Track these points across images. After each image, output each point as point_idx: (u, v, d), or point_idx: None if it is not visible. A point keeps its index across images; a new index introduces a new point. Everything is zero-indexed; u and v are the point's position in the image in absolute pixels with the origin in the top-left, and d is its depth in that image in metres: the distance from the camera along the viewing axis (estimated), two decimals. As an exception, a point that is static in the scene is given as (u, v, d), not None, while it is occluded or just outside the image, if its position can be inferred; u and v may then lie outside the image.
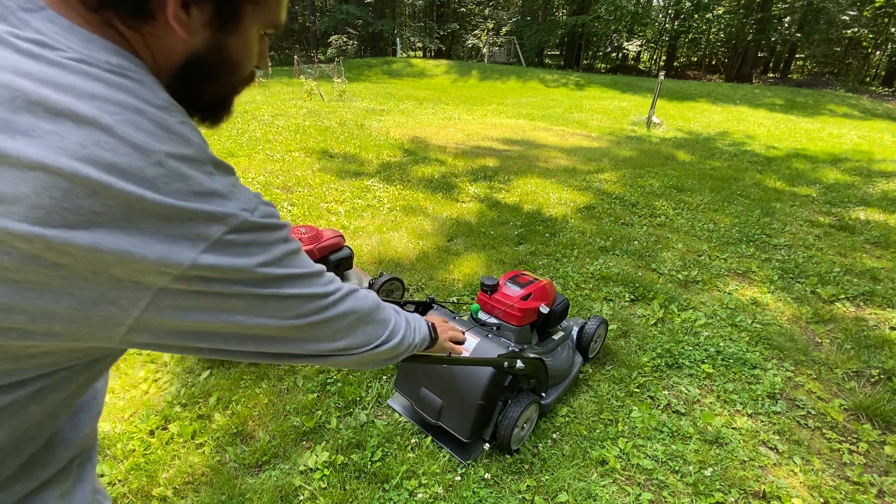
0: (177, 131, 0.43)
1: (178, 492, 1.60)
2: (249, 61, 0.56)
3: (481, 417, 1.72)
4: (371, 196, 4.51)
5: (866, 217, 4.74)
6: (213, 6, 0.47)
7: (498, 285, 1.97)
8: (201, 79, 0.53)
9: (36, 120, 0.37)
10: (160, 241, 0.41)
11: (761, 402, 2.17)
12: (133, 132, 0.39)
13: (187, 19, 0.46)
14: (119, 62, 0.43)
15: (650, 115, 9.77)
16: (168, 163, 0.41)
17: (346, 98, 11.37)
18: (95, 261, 0.38)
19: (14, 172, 0.35)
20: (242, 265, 0.46)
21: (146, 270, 0.41)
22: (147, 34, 0.46)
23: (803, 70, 31.38)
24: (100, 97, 0.39)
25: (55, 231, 0.36)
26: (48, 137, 0.36)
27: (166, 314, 0.44)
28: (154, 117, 0.42)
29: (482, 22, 30.19)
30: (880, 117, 13.57)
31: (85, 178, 0.36)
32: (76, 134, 0.37)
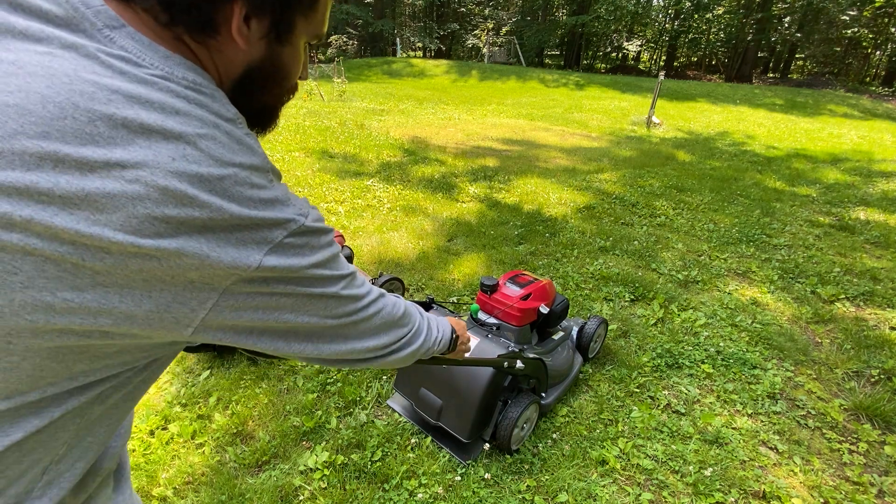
0: (245, 143, 0.47)
1: (178, 492, 1.60)
2: (297, 71, 0.60)
3: (481, 418, 1.72)
4: (371, 196, 4.51)
5: (866, 217, 4.75)
6: (270, 19, 0.51)
7: (498, 285, 1.97)
8: (256, 89, 0.57)
9: (132, 135, 0.39)
10: (233, 245, 0.44)
11: (761, 402, 2.17)
12: (213, 145, 0.43)
13: (248, 32, 0.50)
14: (194, 78, 0.46)
15: (650, 115, 9.77)
16: (241, 173, 0.45)
17: (346, 98, 11.37)
18: (176, 266, 0.42)
19: (114, 184, 0.38)
20: (297, 265, 0.50)
21: (218, 273, 0.44)
22: (212, 48, 0.50)
23: (803, 70, 31.38)
24: (183, 113, 0.43)
25: (147, 240, 0.39)
26: (143, 152, 0.39)
27: (227, 313, 0.48)
28: (227, 130, 0.46)
29: (482, 22, 30.19)
30: (880, 117, 13.57)
31: (175, 190, 0.40)
32: (166, 149, 0.40)
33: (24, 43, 0.40)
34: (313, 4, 0.54)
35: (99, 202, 0.38)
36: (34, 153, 0.36)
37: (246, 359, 2.20)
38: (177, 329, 0.46)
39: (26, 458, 0.46)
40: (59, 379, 0.44)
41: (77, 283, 0.39)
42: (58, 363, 0.43)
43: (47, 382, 0.44)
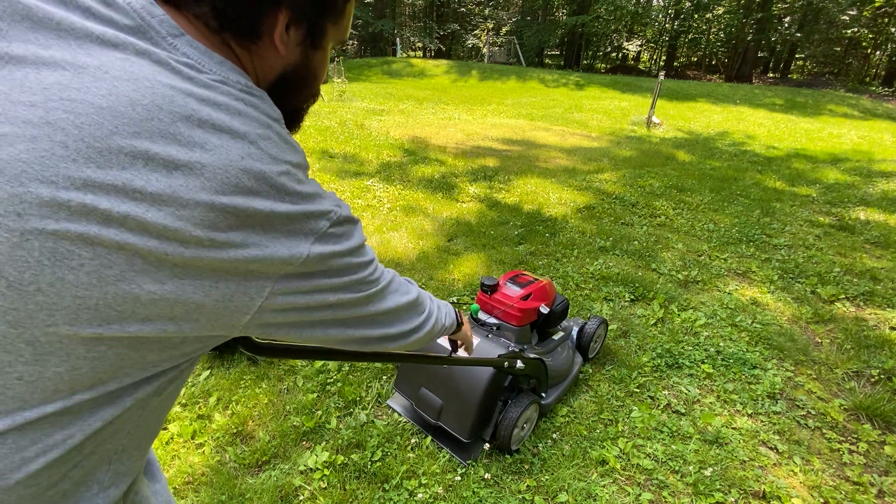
0: (290, 142, 0.51)
1: (178, 492, 1.60)
2: (323, 75, 0.65)
3: (481, 418, 1.72)
4: (371, 196, 4.51)
5: (866, 217, 4.75)
6: (307, 27, 0.55)
7: (498, 285, 1.97)
8: (289, 92, 0.60)
9: (207, 134, 0.43)
10: (286, 237, 0.48)
11: (761, 402, 2.17)
12: (270, 145, 0.47)
13: (287, 39, 0.54)
14: (246, 82, 0.49)
15: (650, 115, 9.77)
16: (291, 170, 0.48)
17: (346, 98, 11.37)
18: (241, 257, 0.45)
19: (195, 181, 0.41)
20: (338, 250, 0.54)
21: (274, 264, 0.48)
22: (254, 53, 0.54)
23: (803, 70, 31.37)
24: (244, 114, 0.46)
25: (220, 233, 0.43)
26: (218, 150, 0.43)
27: (279, 299, 0.51)
28: (277, 130, 0.49)
29: (482, 22, 30.19)
30: (880, 117, 13.57)
31: (245, 186, 0.43)
32: (235, 147, 0.44)
33: (103, 48, 0.42)
34: (343, 11, 0.58)
35: (182, 198, 0.40)
36: (129, 152, 0.39)
37: (246, 359, 2.20)
38: (237, 317, 0.49)
39: (100, 448, 0.49)
40: (135, 369, 0.47)
41: (159, 276, 0.42)
42: (136, 352, 0.46)
43: (125, 372, 0.46)
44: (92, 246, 0.39)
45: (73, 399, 0.44)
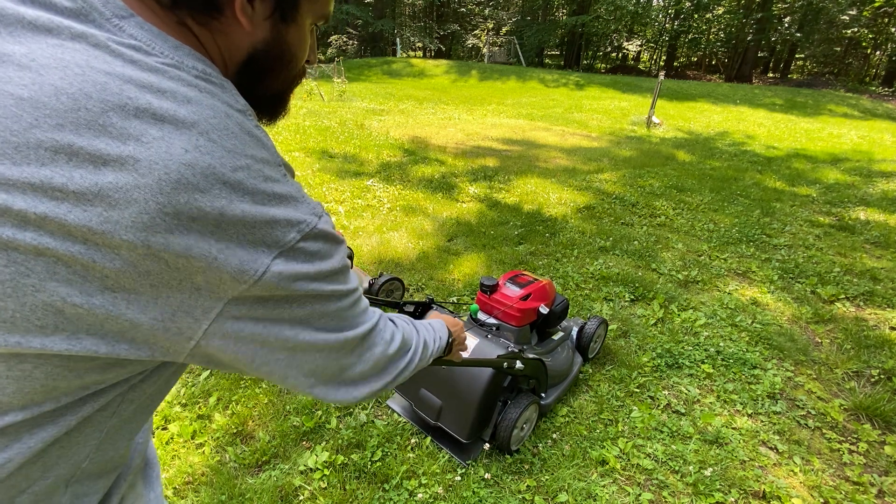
0: (255, 135, 0.45)
1: (178, 492, 1.60)
2: (304, 54, 0.58)
3: (481, 418, 1.71)
4: (371, 196, 4.51)
5: (866, 217, 4.75)
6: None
7: (497, 285, 1.97)
8: (263, 73, 0.55)
9: (144, 125, 0.38)
10: (242, 247, 0.42)
11: (761, 402, 2.17)
12: (225, 136, 0.42)
13: (252, 12, 0.48)
14: (204, 68, 0.45)
15: (650, 115, 9.77)
16: (254, 166, 0.43)
17: (346, 98, 11.37)
18: (184, 268, 0.40)
19: (127, 178, 0.37)
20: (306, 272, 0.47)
21: (224, 279, 0.42)
22: (215, 30, 0.48)
23: (803, 70, 31.38)
24: (195, 102, 0.41)
25: (156, 237, 0.38)
26: (156, 143, 0.38)
27: (228, 325, 0.45)
28: (238, 121, 0.44)
29: (482, 22, 30.19)
30: (880, 117, 13.57)
31: (188, 183, 0.38)
32: (179, 139, 0.39)
33: (34, 34, 0.39)
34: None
35: (111, 197, 0.36)
36: (49, 147, 0.35)
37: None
38: (179, 342, 0.44)
39: (50, 471, 0.45)
40: (73, 388, 0.43)
41: (86, 288, 0.38)
42: (69, 371, 0.41)
43: (61, 392, 0.42)
44: (6, 251, 0.35)
45: (4, 420, 0.41)
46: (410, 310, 1.75)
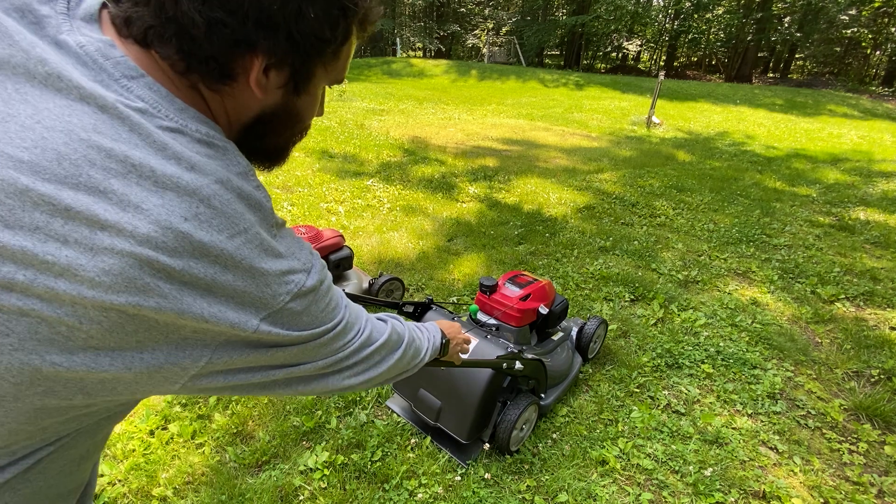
0: (254, 198, 0.47)
1: (178, 492, 1.59)
2: (311, 115, 0.60)
3: (480, 419, 1.71)
4: (371, 196, 4.51)
5: (866, 217, 4.74)
6: (290, 71, 0.50)
7: (497, 286, 1.96)
8: (268, 133, 0.56)
9: (145, 192, 0.39)
10: (232, 308, 0.43)
11: (761, 402, 2.17)
12: (225, 203, 0.43)
13: (266, 82, 0.49)
14: (207, 131, 0.46)
15: (650, 115, 9.77)
16: (250, 230, 0.44)
17: (346, 98, 11.37)
18: (173, 325, 0.41)
19: (124, 243, 0.37)
20: (294, 335, 0.50)
21: (213, 332, 0.43)
22: (226, 94, 0.50)
23: (803, 70, 31.37)
24: (198, 168, 0.42)
25: (149, 300, 0.38)
26: (157, 210, 0.38)
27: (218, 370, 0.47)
28: (238, 186, 0.45)
29: (482, 22, 30.19)
30: (880, 117, 13.57)
31: (185, 248, 0.39)
32: (179, 207, 0.39)
33: (42, 92, 0.39)
34: (335, 56, 0.53)
35: (106, 262, 0.36)
36: (46, 210, 0.35)
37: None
38: (165, 386, 0.45)
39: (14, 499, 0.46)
40: (34, 440, 0.43)
41: (68, 346, 0.37)
42: (34, 426, 0.42)
43: (22, 442, 0.43)
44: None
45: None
46: (410, 310, 1.75)
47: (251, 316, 0.45)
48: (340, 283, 2.62)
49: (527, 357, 1.68)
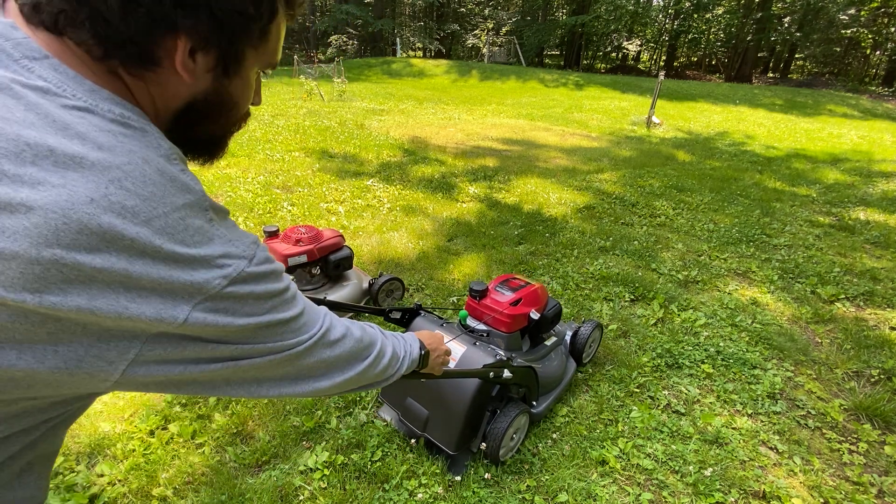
0: (179, 180, 0.43)
1: (178, 492, 1.59)
2: (248, 100, 0.58)
3: (468, 429, 1.66)
4: (371, 196, 4.51)
5: (866, 217, 4.75)
6: (217, 53, 0.48)
7: (487, 290, 1.92)
8: (201, 120, 0.54)
9: (43, 172, 0.35)
10: (158, 296, 0.40)
11: (761, 402, 2.17)
12: (141, 184, 0.39)
13: (193, 66, 0.47)
14: (122, 112, 0.43)
15: (650, 115, 9.77)
16: (172, 214, 0.41)
17: (346, 98, 11.37)
18: (87, 320, 0.37)
19: (15, 224, 0.33)
20: (232, 323, 0.46)
21: (139, 325, 0.40)
22: (150, 80, 0.47)
23: (803, 70, 31.38)
24: (107, 148, 0.39)
25: (50, 295, 0.35)
26: (55, 191, 0.35)
27: (152, 366, 0.43)
28: (158, 167, 0.42)
29: (482, 22, 30.18)
30: (880, 117, 13.57)
31: (92, 234, 0.35)
32: (85, 187, 0.36)
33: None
34: (264, 36, 0.51)
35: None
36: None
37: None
38: (92, 384, 0.41)
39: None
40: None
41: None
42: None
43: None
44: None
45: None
46: (397, 317, 1.72)
47: (180, 305, 0.41)
48: (340, 283, 2.62)
49: (515, 364, 1.62)
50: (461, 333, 1.82)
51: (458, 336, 1.76)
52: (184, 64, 0.46)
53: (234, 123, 0.59)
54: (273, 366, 0.54)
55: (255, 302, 0.48)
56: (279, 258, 2.36)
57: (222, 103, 0.53)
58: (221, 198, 4.15)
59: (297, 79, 13.95)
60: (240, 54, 0.50)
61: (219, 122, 0.56)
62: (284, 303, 0.52)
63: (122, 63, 0.44)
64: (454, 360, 1.67)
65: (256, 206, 3.99)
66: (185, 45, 0.45)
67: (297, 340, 0.55)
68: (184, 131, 0.52)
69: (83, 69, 0.43)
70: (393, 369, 0.79)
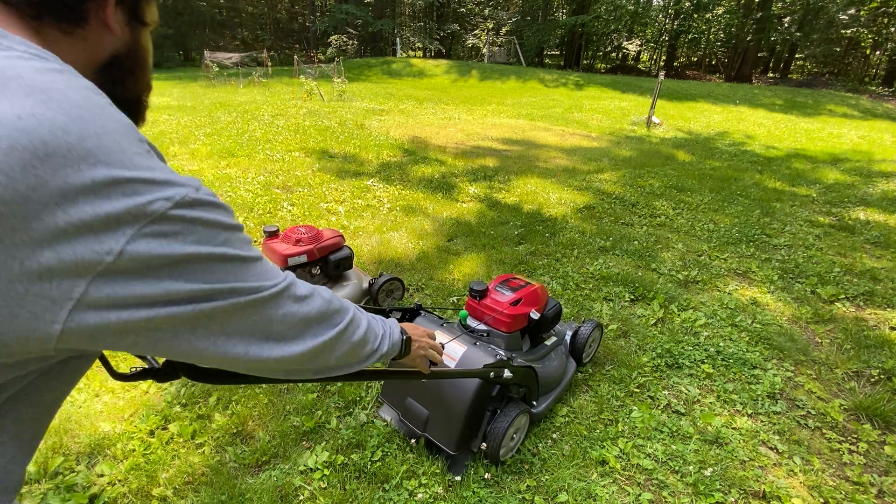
0: (107, 108, 0.42)
1: (178, 492, 1.60)
2: (150, 60, 0.61)
3: (468, 429, 1.66)
4: (371, 196, 4.51)
5: (866, 217, 4.75)
6: (129, 4, 0.53)
7: (487, 290, 1.92)
8: (124, 75, 0.57)
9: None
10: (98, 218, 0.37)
11: (761, 402, 2.17)
12: (69, 106, 0.37)
13: (118, 18, 0.51)
14: (39, 51, 0.42)
15: (650, 115, 9.77)
16: (106, 136, 0.38)
17: (346, 98, 11.37)
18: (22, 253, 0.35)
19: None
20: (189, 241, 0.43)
21: (79, 254, 0.37)
22: (78, 37, 0.49)
23: (803, 70, 31.39)
24: (27, 76, 0.37)
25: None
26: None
27: (103, 312, 0.40)
28: (85, 94, 0.40)
29: (482, 22, 30.19)
30: (880, 117, 13.57)
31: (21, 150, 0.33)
32: (10, 106, 0.35)
33: None
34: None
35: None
36: None
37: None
38: (38, 328, 0.38)
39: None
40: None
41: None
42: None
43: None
44: None
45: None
46: (398, 316, 1.72)
47: (124, 226, 0.38)
48: (340, 282, 2.62)
49: (515, 364, 1.62)
50: (461, 333, 1.83)
51: (458, 336, 1.76)
52: (114, 17, 0.50)
53: (148, 85, 0.62)
54: (238, 311, 0.49)
55: (204, 229, 0.44)
56: (279, 258, 2.36)
57: (141, 56, 0.58)
58: (221, 198, 4.14)
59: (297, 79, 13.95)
60: (142, 6, 0.55)
61: (138, 76, 0.59)
62: (240, 241, 0.49)
63: (56, 20, 0.47)
64: (454, 359, 1.67)
65: (256, 206, 3.99)
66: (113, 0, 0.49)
67: (260, 285, 0.51)
68: (107, 88, 0.49)
69: (6, 25, 0.44)
70: (372, 344, 0.75)
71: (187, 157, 5.39)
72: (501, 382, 1.62)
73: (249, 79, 14.44)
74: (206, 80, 14.71)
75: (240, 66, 16.70)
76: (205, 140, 6.14)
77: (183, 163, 5.11)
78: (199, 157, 5.36)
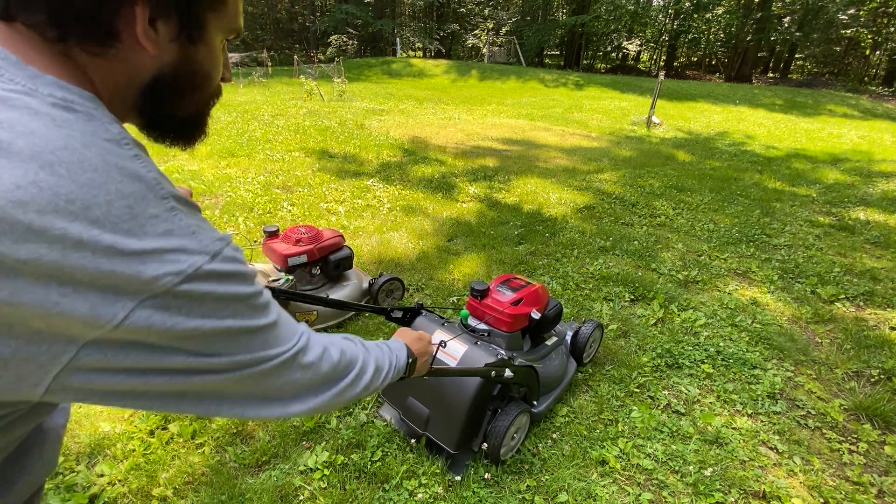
0: (128, 169, 0.40)
1: (178, 492, 1.59)
2: (218, 72, 0.56)
3: (469, 428, 1.66)
4: (371, 196, 4.51)
5: (866, 217, 4.75)
6: (178, 18, 0.46)
7: (488, 290, 1.93)
8: (172, 95, 0.51)
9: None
10: (97, 291, 0.36)
11: (761, 402, 2.17)
12: (79, 170, 0.36)
13: (155, 36, 0.46)
14: (65, 95, 0.40)
15: (650, 115, 9.77)
16: (117, 202, 0.37)
17: (345, 98, 11.37)
18: (11, 314, 0.34)
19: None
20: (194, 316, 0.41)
21: (73, 324, 0.36)
22: (112, 58, 0.45)
23: (803, 70, 31.39)
24: (39, 133, 0.36)
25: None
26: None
27: (91, 375, 0.39)
28: (102, 152, 0.39)
29: (482, 22, 30.18)
30: (880, 117, 13.57)
31: (15, 223, 0.33)
32: (11, 172, 0.34)
33: None
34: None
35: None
36: None
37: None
38: (20, 389, 0.38)
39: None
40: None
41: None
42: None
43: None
44: None
45: None
46: (399, 316, 1.72)
47: (120, 301, 0.37)
48: (340, 282, 2.62)
49: (516, 364, 1.62)
50: (462, 333, 1.83)
51: (459, 335, 1.76)
52: (145, 33, 0.44)
53: (208, 99, 0.57)
54: (235, 382, 0.48)
55: (214, 303, 0.43)
56: (279, 258, 2.36)
57: (193, 74, 0.51)
58: (221, 198, 4.15)
59: (297, 79, 13.95)
60: (201, 18, 0.48)
61: (191, 96, 0.54)
62: (252, 309, 0.47)
63: (80, 42, 0.43)
64: (455, 358, 1.67)
65: (256, 206, 3.99)
66: (144, 13, 0.43)
67: (265, 354, 0.49)
68: (155, 110, 0.50)
69: (30, 55, 0.41)
70: (376, 384, 0.75)
71: (187, 157, 5.39)
72: (502, 382, 1.62)
73: (249, 79, 14.44)
74: (206, 80, 14.65)
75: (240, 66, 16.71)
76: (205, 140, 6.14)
77: (183, 163, 5.11)
78: (199, 157, 5.36)
